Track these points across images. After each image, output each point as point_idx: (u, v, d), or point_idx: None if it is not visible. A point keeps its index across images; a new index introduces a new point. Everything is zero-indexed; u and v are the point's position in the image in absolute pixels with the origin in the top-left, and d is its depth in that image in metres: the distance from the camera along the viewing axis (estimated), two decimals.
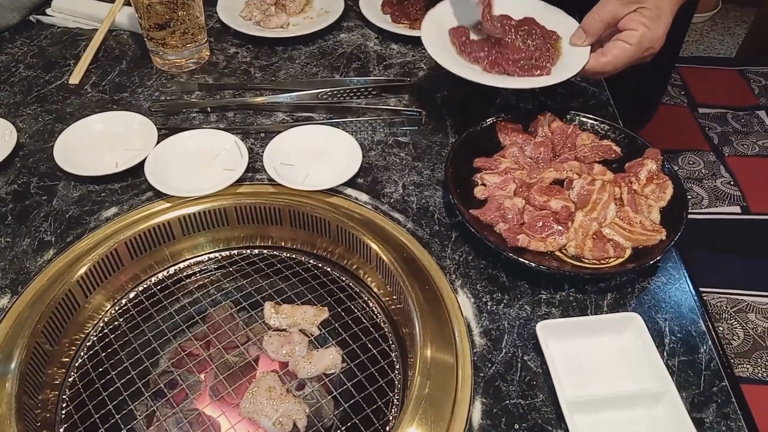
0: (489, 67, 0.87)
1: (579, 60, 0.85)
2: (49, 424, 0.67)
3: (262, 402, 0.65)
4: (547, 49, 0.88)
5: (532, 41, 0.90)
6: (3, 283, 0.74)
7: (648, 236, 0.75)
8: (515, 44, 0.89)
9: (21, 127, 0.93)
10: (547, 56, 0.87)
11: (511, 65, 0.86)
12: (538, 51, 0.88)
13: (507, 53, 0.88)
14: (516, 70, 0.86)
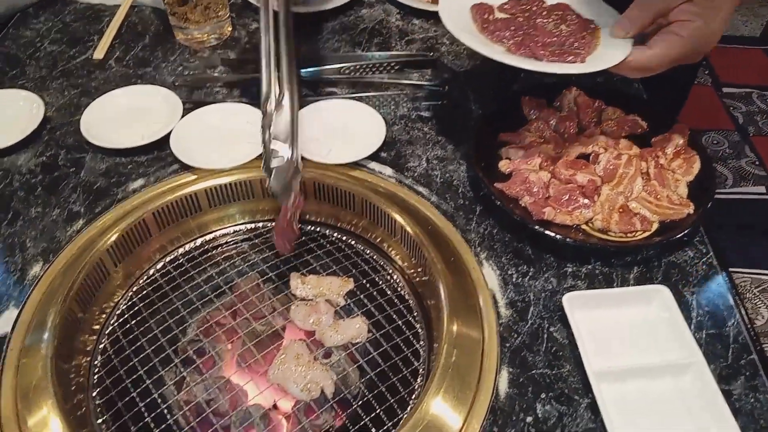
0: (514, 48, 0.78)
1: (619, 51, 0.74)
2: (83, 388, 0.68)
3: (291, 369, 0.66)
4: (582, 37, 0.79)
5: (567, 27, 0.81)
6: (35, 252, 0.75)
7: (675, 210, 0.75)
8: (546, 28, 0.81)
9: (48, 101, 0.94)
10: (583, 43, 0.78)
11: (540, 48, 0.77)
12: (572, 37, 0.79)
13: (536, 35, 0.79)
14: (546, 54, 0.77)
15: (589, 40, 0.78)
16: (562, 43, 0.78)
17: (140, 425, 0.64)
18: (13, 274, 0.73)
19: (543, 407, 0.61)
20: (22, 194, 0.82)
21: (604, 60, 0.74)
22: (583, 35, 0.79)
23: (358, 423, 0.64)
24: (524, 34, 0.79)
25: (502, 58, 0.75)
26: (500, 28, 0.81)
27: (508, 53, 0.78)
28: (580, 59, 0.75)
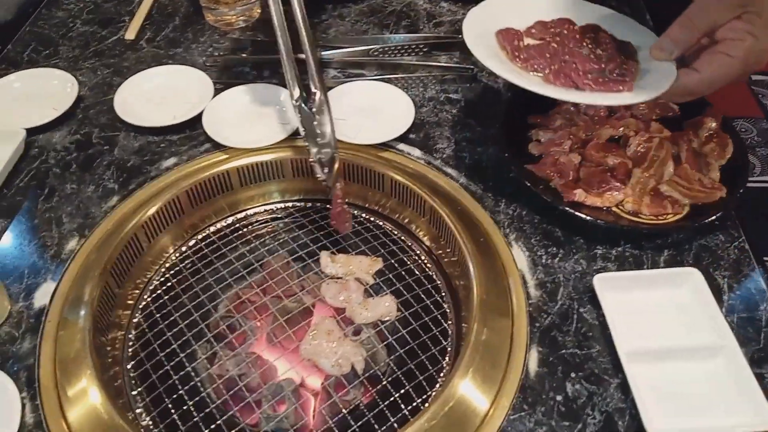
0: (553, 77, 0.72)
1: (665, 77, 0.69)
2: (118, 361, 0.70)
3: (322, 344, 0.67)
4: (623, 61, 0.74)
5: (603, 51, 0.76)
6: (71, 227, 0.77)
7: (707, 193, 0.74)
8: (583, 53, 0.75)
9: (81, 80, 0.96)
10: (625, 69, 0.72)
11: (582, 77, 0.71)
12: (612, 62, 0.73)
13: (574, 62, 0.73)
14: (588, 83, 0.71)
15: (631, 64, 0.73)
16: (602, 69, 0.73)
17: (174, 397, 0.65)
18: (50, 249, 0.74)
19: (573, 386, 0.62)
20: (57, 171, 0.83)
21: (651, 87, 0.69)
22: (622, 59, 0.74)
23: (388, 399, 0.65)
24: (561, 62, 0.74)
25: (544, 90, 0.70)
26: (534, 56, 0.75)
27: (546, 83, 0.72)
28: (627, 87, 0.70)
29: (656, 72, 0.71)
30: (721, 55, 0.65)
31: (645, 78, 0.71)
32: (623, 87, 0.70)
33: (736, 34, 0.65)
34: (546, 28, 0.79)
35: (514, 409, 0.60)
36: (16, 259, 0.73)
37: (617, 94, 0.70)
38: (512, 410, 0.60)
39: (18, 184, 0.81)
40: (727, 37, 0.65)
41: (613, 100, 0.70)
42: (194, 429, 0.63)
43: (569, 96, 0.70)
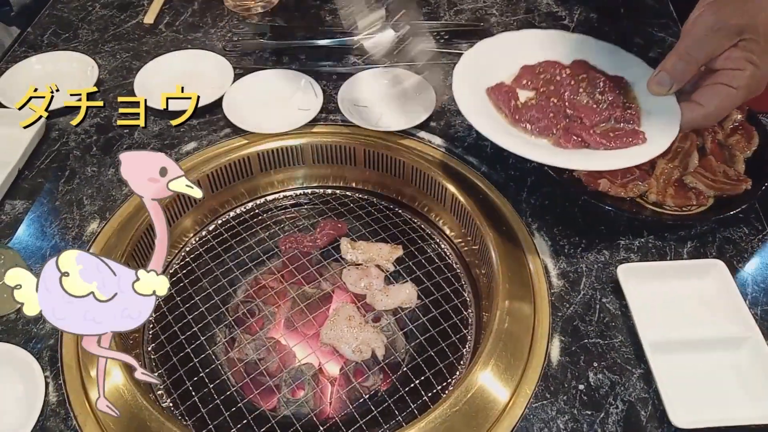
0: (563, 140, 0.67)
1: (670, 115, 0.66)
2: (138, 343, 0.70)
3: (342, 330, 0.67)
4: (625, 105, 0.70)
5: (602, 94, 0.71)
6: (92, 209, 0.77)
7: (732, 185, 0.73)
8: (583, 101, 0.71)
9: (100, 63, 0.95)
10: (630, 114, 0.68)
11: (592, 135, 0.66)
12: (615, 107, 0.69)
13: (580, 117, 0.69)
14: (601, 141, 0.66)
15: (634, 108, 0.69)
16: (609, 117, 0.69)
17: (194, 380, 0.65)
18: (72, 230, 0.75)
19: (595, 376, 0.61)
20: (77, 153, 0.83)
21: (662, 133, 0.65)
22: (624, 102, 0.70)
23: (408, 385, 0.65)
24: (565, 118, 0.70)
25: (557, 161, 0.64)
26: (536, 118, 0.69)
27: (556, 147, 0.68)
28: (641, 138, 0.66)
29: (659, 110, 0.68)
30: (723, 86, 0.63)
31: (650, 120, 0.68)
32: (637, 139, 0.66)
33: (736, 64, 0.62)
34: (535, 75, 0.74)
35: (536, 397, 0.60)
36: (38, 239, 0.74)
37: (635, 150, 0.66)
38: (534, 398, 0.60)
39: (39, 166, 0.82)
40: (726, 66, 0.63)
41: (632, 160, 0.65)
42: (214, 412, 0.63)
43: (586, 164, 0.66)
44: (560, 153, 0.66)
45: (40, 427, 0.58)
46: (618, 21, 1.05)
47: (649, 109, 0.69)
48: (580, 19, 1.05)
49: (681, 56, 0.64)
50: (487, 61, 0.74)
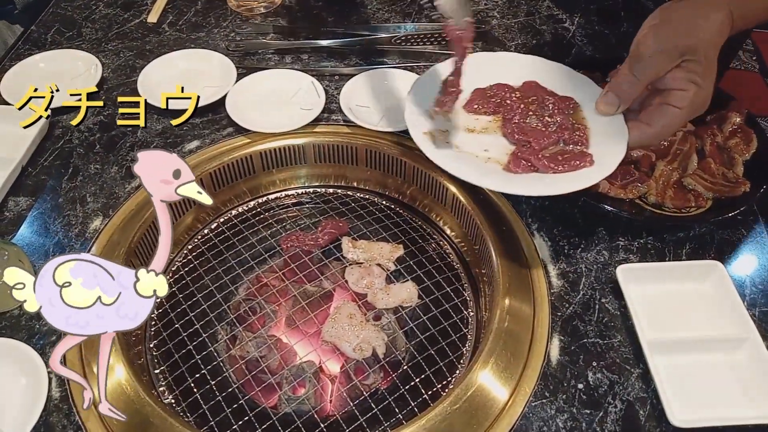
0: (512, 165, 0.67)
1: (617, 136, 0.67)
2: (140, 340, 0.70)
3: (344, 327, 0.68)
4: (573, 126, 0.70)
5: (551, 117, 0.71)
6: (95, 207, 0.77)
7: (731, 188, 0.74)
8: (532, 124, 0.71)
9: (104, 62, 0.96)
10: (578, 136, 0.68)
11: (540, 159, 0.66)
12: (564, 131, 0.69)
13: (528, 141, 0.69)
14: (549, 165, 0.66)
15: (582, 129, 0.69)
16: (557, 140, 0.69)
17: (196, 377, 0.66)
18: (75, 227, 0.75)
19: (594, 375, 0.62)
20: (81, 151, 0.84)
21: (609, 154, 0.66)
22: (572, 123, 0.70)
23: (408, 384, 0.65)
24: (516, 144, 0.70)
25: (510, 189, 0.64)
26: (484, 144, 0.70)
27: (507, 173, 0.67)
28: (588, 161, 0.66)
29: (608, 132, 0.68)
30: (668, 107, 0.65)
31: (599, 140, 0.69)
32: (585, 161, 0.66)
33: (680, 84, 0.64)
34: (486, 98, 0.75)
35: (535, 395, 0.60)
36: (42, 236, 0.74)
37: (581, 174, 0.66)
38: (534, 397, 0.60)
39: (42, 163, 0.82)
40: (671, 87, 0.65)
41: (579, 183, 0.65)
42: (216, 409, 0.63)
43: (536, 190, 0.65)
44: (510, 179, 0.67)
45: (44, 422, 0.59)
46: (618, 24, 1.06)
47: (597, 129, 0.70)
48: (581, 22, 1.06)
49: (626, 77, 0.66)
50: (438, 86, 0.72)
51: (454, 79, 0.69)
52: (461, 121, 0.73)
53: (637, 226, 0.74)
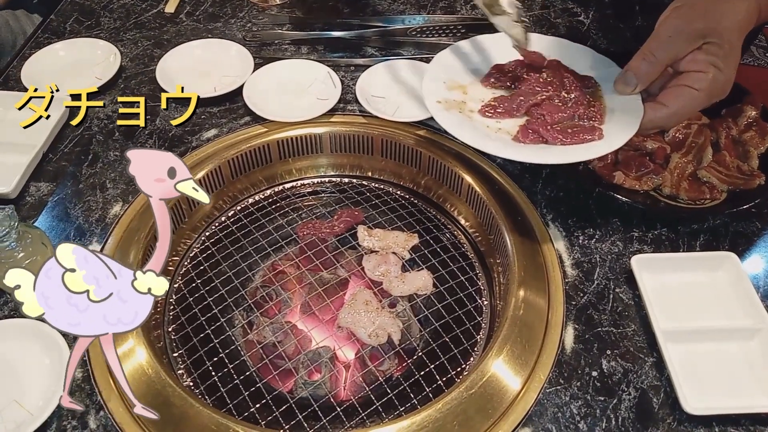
0: (521, 135, 0.68)
1: (632, 114, 0.67)
2: (159, 324, 0.71)
3: (360, 314, 0.69)
4: (589, 102, 0.70)
5: (567, 93, 0.72)
6: (114, 193, 0.78)
7: (746, 180, 0.74)
8: (548, 100, 0.71)
9: (122, 51, 0.97)
10: (592, 111, 0.69)
11: (550, 131, 0.67)
12: (579, 106, 0.69)
13: (542, 113, 0.70)
14: (558, 137, 0.67)
15: (597, 105, 0.70)
16: (572, 115, 0.69)
17: (214, 360, 0.67)
18: (95, 212, 0.76)
19: (608, 363, 0.63)
20: (101, 138, 0.85)
21: (621, 130, 0.66)
22: (589, 100, 0.71)
23: (423, 370, 0.66)
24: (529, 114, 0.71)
25: (512, 155, 0.65)
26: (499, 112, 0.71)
27: (516, 143, 0.68)
28: (597, 135, 0.67)
29: (623, 109, 0.68)
30: (686, 88, 0.64)
31: (613, 117, 0.69)
32: (593, 135, 0.67)
33: (700, 66, 0.64)
34: (504, 73, 0.75)
35: (550, 382, 0.61)
36: (62, 221, 0.75)
37: (589, 146, 0.66)
38: (548, 383, 0.61)
39: (63, 150, 0.83)
40: (690, 69, 0.64)
41: (585, 154, 0.66)
42: (234, 391, 0.64)
43: (540, 158, 0.66)
44: (515, 147, 0.67)
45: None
46: (633, 18, 1.06)
47: (613, 107, 0.70)
48: (596, 16, 1.06)
49: (646, 57, 0.66)
50: (460, 61, 0.75)
51: None
52: (477, 94, 0.74)
53: (652, 217, 0.75)
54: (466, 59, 0.77)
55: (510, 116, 0.71)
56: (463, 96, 0.74)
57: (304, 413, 0.63)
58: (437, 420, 0.57)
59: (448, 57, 0.76)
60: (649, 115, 0.66)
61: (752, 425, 0.58)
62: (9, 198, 0.76)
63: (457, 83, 0.75)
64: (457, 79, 0.75)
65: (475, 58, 0.78)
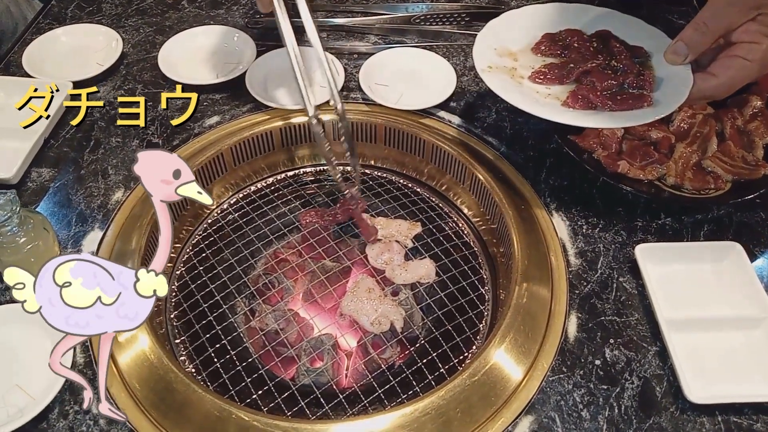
0: (571, 101, 0.69)
1: (682, 84, 0.67)
2: (161, 311, 0.71)
3: (362, 302, 0.68)
4: (638, 71, 0.70)
5: (617, 62, 0.72)
6: (117, 179, 0.78)
7: (750, 170, 0.74)
8: (598, 68, 0.72)
9: (124, 37, 0.96)
10: (642, 79, 0.69)
11: (600, 97, 0.68)
12: (628, 75, 0.70)
13: (592, 80, 0.70)
14: (607, 102, 0.68)
15: (647, 74, 0.70)
16: (621, 83, 0.70)
17: (217, 347, 0.67)
18: (97, 198, 0.76)
19: (611, 352, 0.63)
20: (102, 124, 0.84)
21: (669, 98, 0.67)
22: (638, 69, 0.71)
23: (425, 358, 0.66)
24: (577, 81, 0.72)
25: (561, 118, 0.67)
26: (549, 77, 0.73)
27: (564, 107, 0.69)
28: (647, 102, 0.67)
29: (673, 79, 0.68)
30: (737, 59, 0.64)
31: (662, 86, 0.69)
32: (642, 102, 0.68)
33: (752, 37, 0.63)
34: (555, 42, 0.76)
35: (553, 370, 0.61)
36: (64, 207, 0.75)
37: (638, 112, 0.67)
38: (551, 372, 0.61)
39: (64, 136, 0.83)
40: (742, 39, 0.64)
41: (634, 120, 0.67)
42: (236, 378, 0.64)
43: (589, 121, 0.67)
44: (564, 111, 0.68)
45: (68, 386, 0.60)
46: (638, 8, 1.05)
47: (663, 77, 0.70)
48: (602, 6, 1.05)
49: (698, 27, 0.65)
50: (511, 28, 0.77)
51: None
52: (528, 61, 0.75)
53: (656, 207, 0.74)
54: (517, 27, 0.79)
55: (560, 83, 0.72)
56: (513, 62, 0.75)
57: (306, 400, 0.63)
58: (440, 407, 0.57)
59: (500, 24, 0.78)
60: (699, 85, 0.66)
61: (755, 414, 0.58)
62: (10, 183, 0.76)
63: (508, 50, 0.76)
64: (507, 45, 0.77)
65: (526, 26, 0.79)
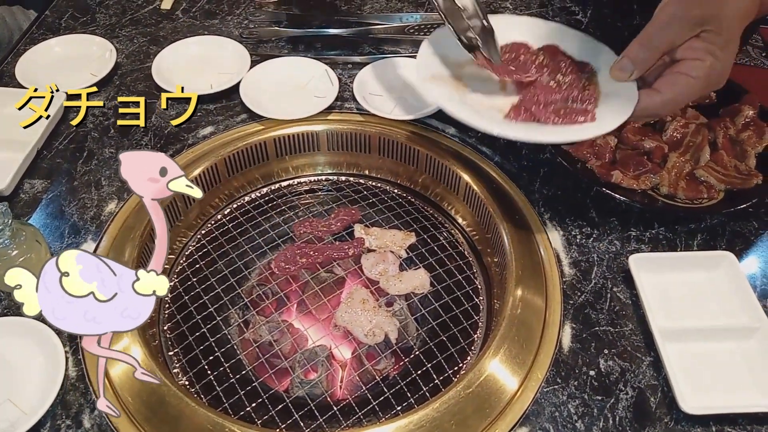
0: (513, 114, 0.68)
1: (627, 100, 0.66)
2: (154, 322, 0.71)
3: (357, 313, 0.68)
4: (584, 87, 0.69)
5: (563, 76, 0.71)
6: (110, 190, 0.78)
7: (743, 180, 0.74)
8: (543, 81, 0.70)
9: (118, 47, 0.96)
10: (587, 95, 0.68)
11: (543, 110, 0.67)
12: (574, 89, 0.69)
13: (536, 94, 0.69)
14: (550, 116, 0.66)
15: (592, 89, 0.69)
16: (566, 98, 0.68)
17: (210, 359, 0.66)
18: (90, 210, 0.76)
19: (606, 362, 0.62)
20: (95, 135, 0.84)
21: (614, 114, 0.65)
22: (584, 83, 0.70)
23: (420, 369, 0.66)
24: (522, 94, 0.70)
25: (502, 131, 0.64)
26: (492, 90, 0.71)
27: (507, 120, 0.68)
28: (590, 117, 0.66)
29: (618, 95, 0.67)
30: (682, 75, 0.63)
31: (607, 102, 0.68)
32: (586, 117, 0.66)
33: (696, 54, 0.63)
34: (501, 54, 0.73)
35: (547, 381, 0.61)
36: (57, 219, 0.75)
37: (580, 127, 0.66)
38: (546, 383, 0.61)
39: (57, 147, 0.83)
40: (687, 56, 0.63)
41: (576, 135, 0.66)
42: (229, 390, 0.64)
43: (530, 135, 0.66)
44: (506, 124, 0.67)
45: (60, 400, 0.59)
46: (631, 17, 1.06)
47: (608, 93, 0.69)
48: (594, 15, 1.06)
49: (643, 44, 0.65)
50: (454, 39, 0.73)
51: None
52: (473, 72, 0.73)
53: (649, 216, 0.75)
54: None
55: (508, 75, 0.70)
56: (458, 71, 0.73)
57: (300, 412, 0.62)
58: (434, 419, 0.57)
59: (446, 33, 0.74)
60: (644, 102, 0.65)
61: (749, 425, 0.58)
62: (3, 195, 0.76)
63: (455, 60, 0.74)
64: (451, 56, 0.74)
65: None
